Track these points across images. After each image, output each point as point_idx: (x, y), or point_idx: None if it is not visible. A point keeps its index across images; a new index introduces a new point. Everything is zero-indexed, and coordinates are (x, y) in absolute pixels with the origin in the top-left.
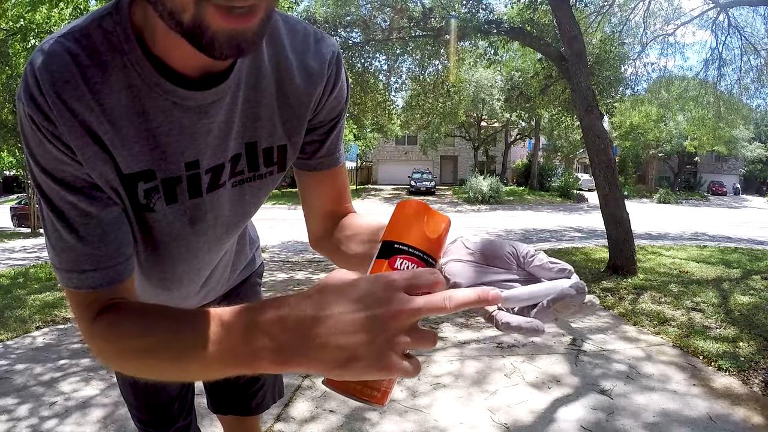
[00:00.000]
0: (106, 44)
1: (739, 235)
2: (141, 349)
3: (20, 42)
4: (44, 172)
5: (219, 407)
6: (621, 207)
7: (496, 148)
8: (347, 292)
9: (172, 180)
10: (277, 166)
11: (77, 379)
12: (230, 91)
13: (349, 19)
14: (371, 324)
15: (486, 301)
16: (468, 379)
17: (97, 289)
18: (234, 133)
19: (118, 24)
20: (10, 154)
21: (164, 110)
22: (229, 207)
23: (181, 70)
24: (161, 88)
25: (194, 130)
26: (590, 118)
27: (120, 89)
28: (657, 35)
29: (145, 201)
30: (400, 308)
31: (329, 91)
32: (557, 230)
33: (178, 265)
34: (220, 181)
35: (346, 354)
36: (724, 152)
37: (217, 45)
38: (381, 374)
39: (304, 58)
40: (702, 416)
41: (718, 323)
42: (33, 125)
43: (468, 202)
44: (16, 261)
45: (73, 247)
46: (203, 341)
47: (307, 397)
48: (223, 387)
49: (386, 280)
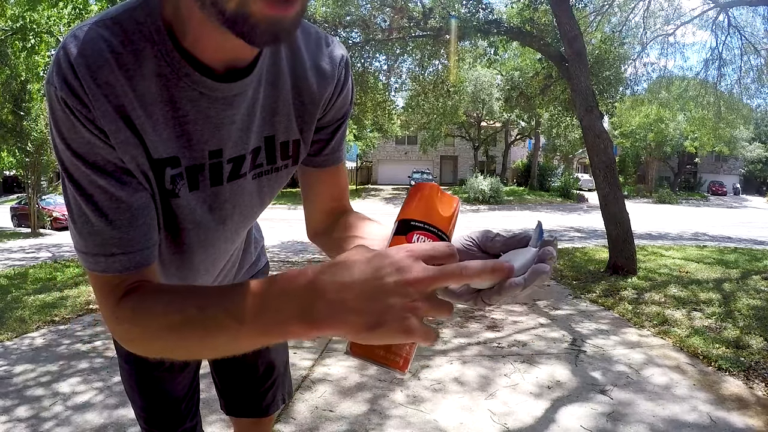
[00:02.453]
0: (138, 33)
1: (739, 235)
2: (167, 327)
3: (20, 41)
4: (76, 156)
5: (232, 409)
6: (621, 207)
7: (496, 148)
8: (372, 260)
9: (196, 167)
10: (291, 160)
11: (77, 380)
12: (252, 86)
13: (349, 19)
14: (395, 289)
15: (501, 272)
16: (469, 381)
17: (123, 273)
18: (255, 126)
19: (148, 16)
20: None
21: (192, 100)
22: (249, 198)
23: (208, 63)
24: (190, 78)
25: (219, 120)
26: (590, 118)
27: (150, 77)
28: (657, 35)
29: (171, 186)
30: (422, 276)
31: (338, 92)
32: (557, 230)
33: (196, 253)
34: (241, 172)
35: (373, 318)
36: (724, 152)
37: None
38: (403, 338)
39: (318, 59)
40: (703, 417)
41: (718, 324)
42: (66, 109)
43: (468, 202)
44: (14, 261)
45: (102, 231)
46: (232, 313)
47: (307, 397)
48: (235, 387)
49: (408, 250)
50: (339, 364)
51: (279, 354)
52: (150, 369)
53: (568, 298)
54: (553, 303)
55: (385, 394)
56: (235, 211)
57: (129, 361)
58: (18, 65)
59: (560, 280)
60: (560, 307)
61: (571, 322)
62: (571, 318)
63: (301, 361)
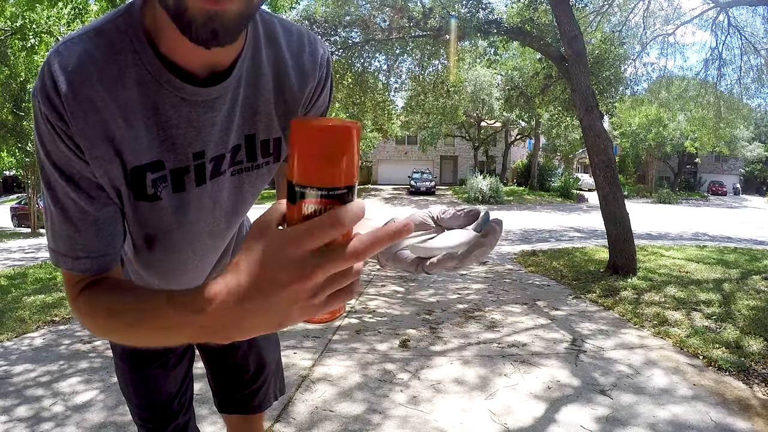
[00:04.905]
0: (120, 43)
1: (739, 235)
2: (108, 319)
3: (19, 41)
4: (54, 167)
5: (224, 407)
6: (621, 207)
7: (496, 148)
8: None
9: (181, 170)
10: (272, 157)
11: (76, 380)
12: (232, 88)
13: (349, 19)
14: (285, 298)
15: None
16: (468, 381)
17: (85, 273)
18: (235, 125)
19: (130, 25)
20: (10, 154)
21: (174, 105)
22: (228, 194)
23: (187, 67)
24: (171, 84)
25: (200, 123)
26: (590, 118)
27: (132, 86)
28: (657, 35)
29: (152, 191)
30: (305, 276)
31: (319, 91)
32: (557, 230)
33: (183, 251)
34: (221, 170)
35: (269, 327)
36: (724, 152)
37: (195, 27)
38: (303, 320)
39: (299, 57)
40: (703, 417)
41: (718, 324)
42: (47, 123)
43: (468, 202)
44: (14, 261)
45: (70, 237)
46: (151, 314)
47: (307, 397)
48: (226, 385)
49: (290, 249)
50: (339, 364)
51: (270, 353)
52: (143, 366)
53: (568, 298)
54: (553, 303)
55: (385, 394)
56: (215, 207)
57: (124, 359)
58: (17, 65)
59: (560, 280)
60: (560, 307)
61: (571, 323)
62: (571, 318)
63: (301, 361)
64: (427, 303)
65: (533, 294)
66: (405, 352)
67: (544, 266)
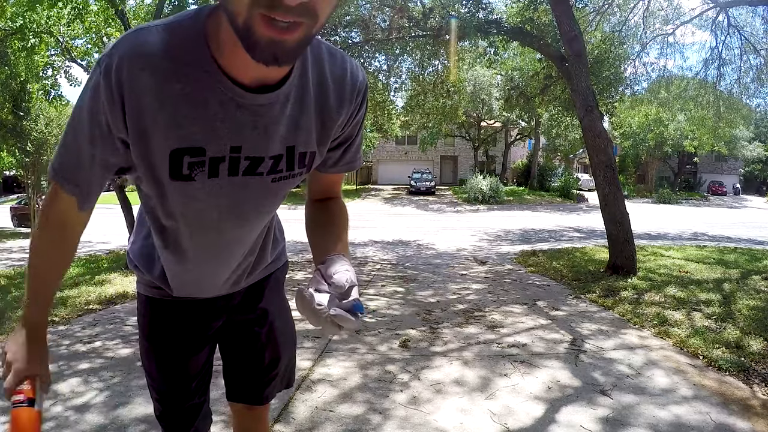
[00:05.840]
0: (182, 42)
1: (739, 235)
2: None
3: (19, 41)
4: (88, 116)
5: (232, 395)
6: (621, 207)
7: (496, 148)
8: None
9: (218, 159)
10: (306, 168)
11: (76, 381)
12: (279, 101)
13: (349, 19)
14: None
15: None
16: (469, 382)
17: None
18: (278, 136)
19: (193, 29)
20: (10, 154)
21: (222, 103)
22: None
23: (239, 77)
24: (223, 85)
25: (242, 123)
26: (590, 118)
27: (188, 81)
28: (657, 35)
29: (187, 172)
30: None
31: (354, 115)
32: (556, 230)
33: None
34: (257, 171)
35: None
36: (724, 152)
37: (258, 49)
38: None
39: (341, 83)
40: (704, 418)
41: (719, 324)
42: (98, 90)
43: (468, 202)
44: (14, 261)
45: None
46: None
47: (307, 398)
48: (239, 372)
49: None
50: (339, 364)
51: (287, 348)
52: (168, 348)
53: (568, 299)
54: (553, 303)
55: (385, 394)
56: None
57: (150, 340)
58: (17, 65)
59: (560, 281)
60: (560, 307)
61: (571, 323)
62: (571, 318)
63: (301, 361)
64: (427, 303)
65: (533, 294)
66: (405, 352)
67: (544, 266)
